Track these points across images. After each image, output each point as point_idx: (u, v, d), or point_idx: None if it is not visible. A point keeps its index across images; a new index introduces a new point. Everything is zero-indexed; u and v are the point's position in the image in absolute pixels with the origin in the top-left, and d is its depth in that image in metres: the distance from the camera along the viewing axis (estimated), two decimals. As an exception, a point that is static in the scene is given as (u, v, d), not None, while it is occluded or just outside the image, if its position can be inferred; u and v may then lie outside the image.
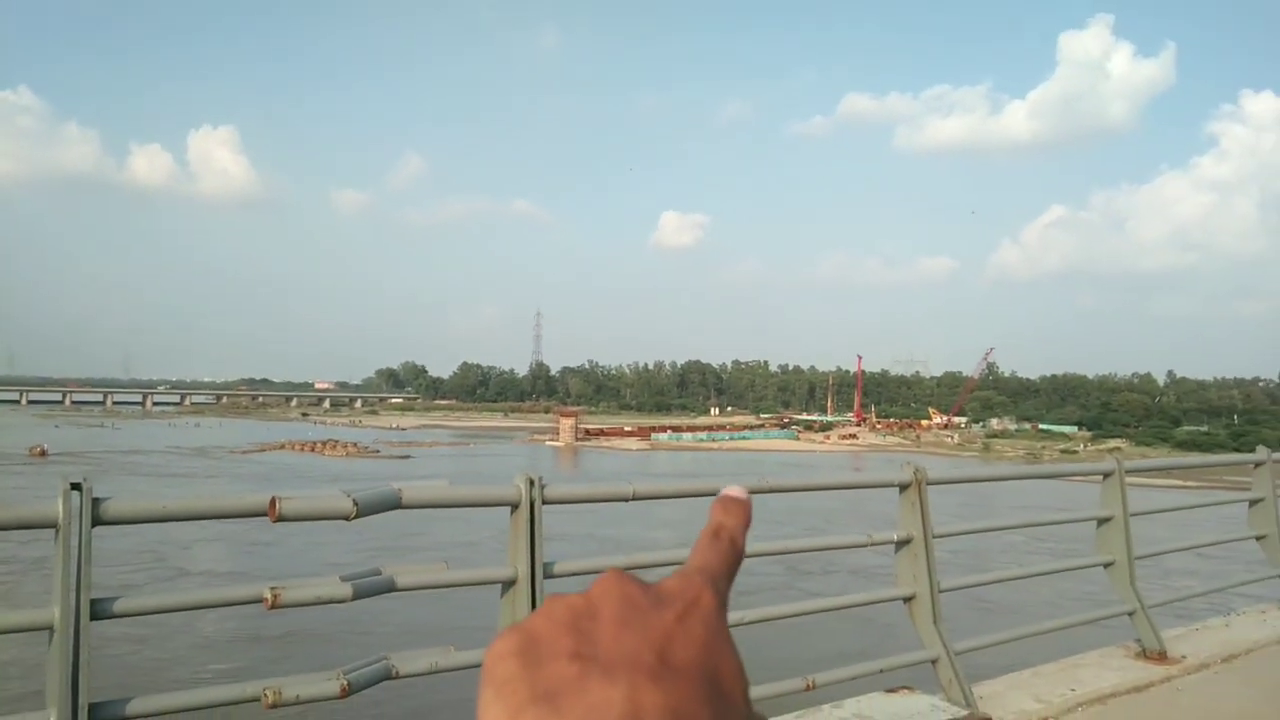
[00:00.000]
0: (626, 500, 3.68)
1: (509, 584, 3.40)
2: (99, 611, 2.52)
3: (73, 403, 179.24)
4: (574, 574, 3.56)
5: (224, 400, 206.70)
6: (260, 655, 18.74)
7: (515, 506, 3.38)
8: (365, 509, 2.96)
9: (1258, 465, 7.46)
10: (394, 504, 3.11)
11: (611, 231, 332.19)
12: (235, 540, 32.35)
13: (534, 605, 3.37)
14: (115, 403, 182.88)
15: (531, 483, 3.37)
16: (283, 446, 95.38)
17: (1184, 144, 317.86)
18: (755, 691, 1.85)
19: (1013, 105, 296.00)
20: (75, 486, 2.46)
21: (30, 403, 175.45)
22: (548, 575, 3.43)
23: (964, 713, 4.51)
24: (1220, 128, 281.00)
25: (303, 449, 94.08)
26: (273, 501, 2.77)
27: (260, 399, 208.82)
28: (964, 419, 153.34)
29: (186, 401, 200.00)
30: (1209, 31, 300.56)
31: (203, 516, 2.79)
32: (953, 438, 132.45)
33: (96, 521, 2.50)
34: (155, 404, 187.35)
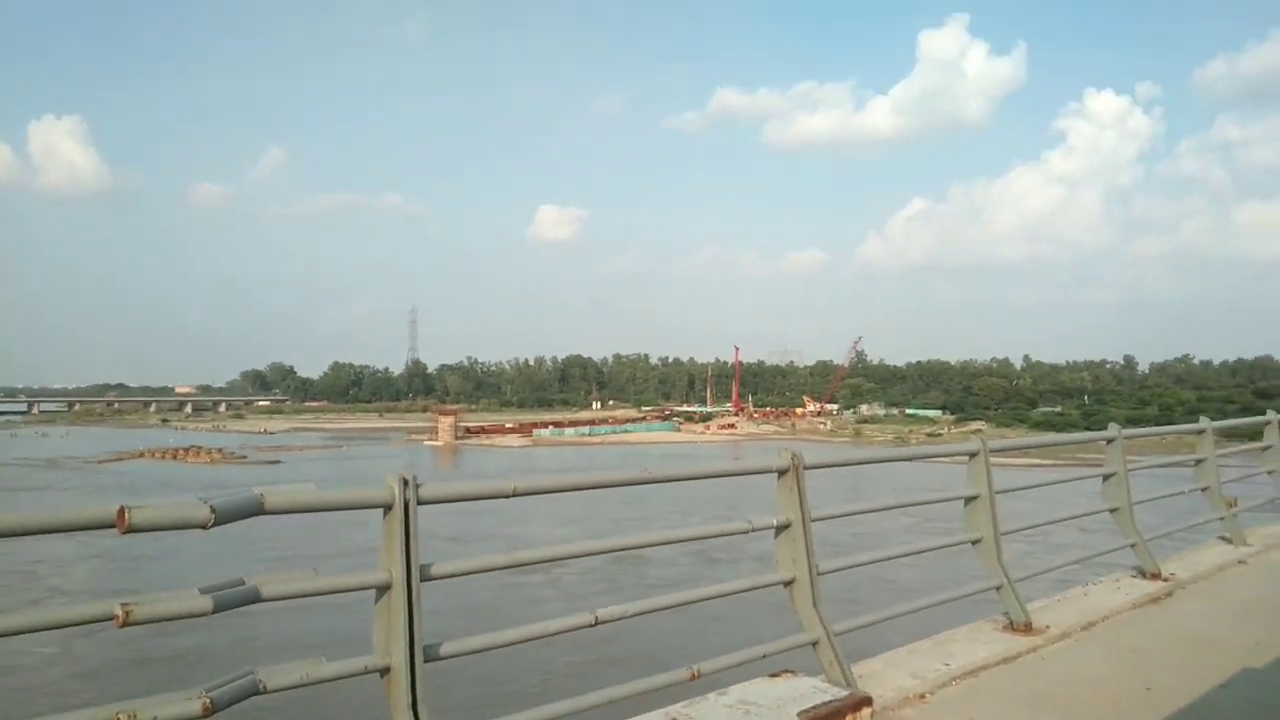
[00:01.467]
0: (507, 497, 3.58)
1: (384, 589, 3.26)
2: (-82, 641, 2.28)
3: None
4: (451, 575, 3.45)
5: (77, 407, 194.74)
6: (148, 678, 17.77)
7: (388, 508, 3.24)
8: (224, 516, 2.77)
9: (1110, 442, 7.90)
10: (256, 510, 2.93)
11: (488, 226, 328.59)
12: (116, 556, 30.61)
13: (411, 609, 3.25)
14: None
15: (405, 482, 3.24)
16: (142, 455, 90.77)
17: (1035, 139, 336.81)
18: (641, 684, 1.79)
19: (876, 101, 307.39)
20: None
21: None
22: (425, 578, 3.31)
23: (845, 693, 4.59)
24: (1068, 124, 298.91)
25: (164, 456, 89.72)
26: (121, 511, 2.56)
27: (116, 405, 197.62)
28: (836, 406, 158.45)
29: (35, 409, 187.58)
30: (1057, 32, 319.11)
31: (43, 530, 2.57)
32: (826, 424, 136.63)
33: (-88, 542, 2.26)
34: (0, 413, 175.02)
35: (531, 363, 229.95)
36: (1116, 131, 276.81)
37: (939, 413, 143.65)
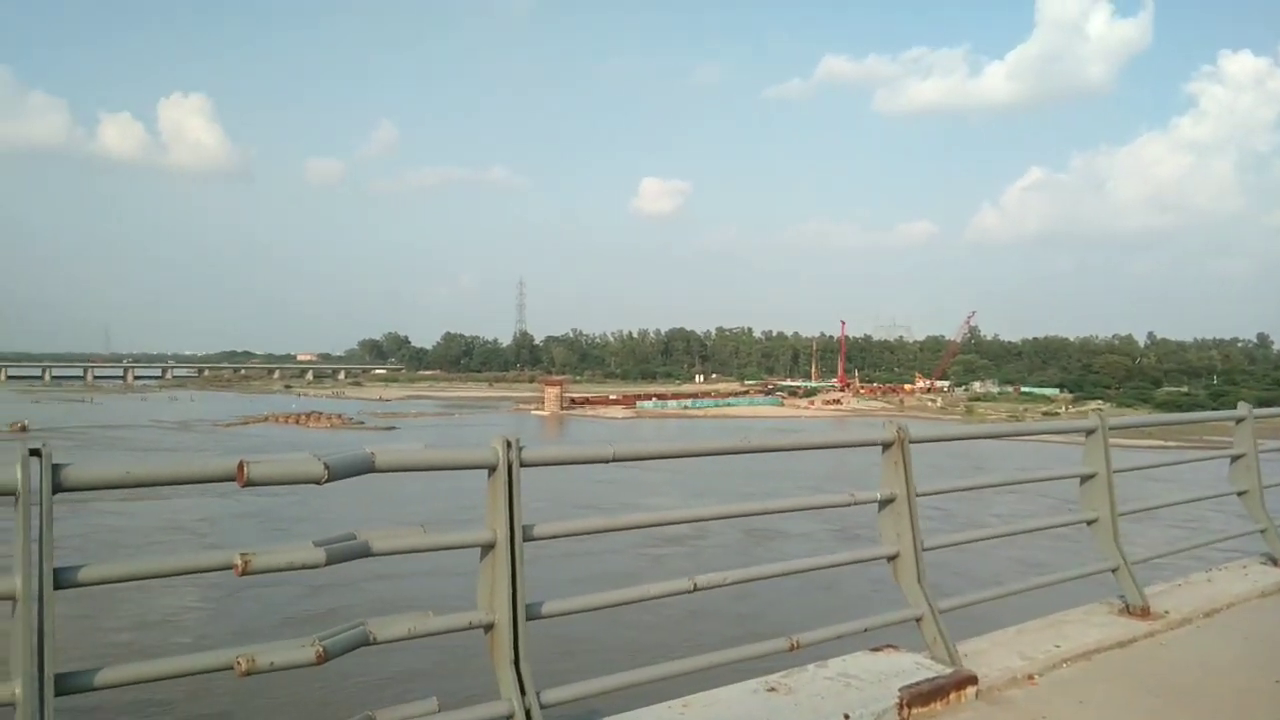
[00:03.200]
0: (606, 461, 3.62)
1: (488, 547, 3.34)
2: (63, 580, 2.44)
3: (53, 378, 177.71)
4: (554, 536, 3.51)
5: (206, 373, 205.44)
6: (291, 634, 18.70)
7: (493, 469, 3.31)
8: (336, 473, 2.88)
9: (1239, 421, 7.48)
10: (367, 467, 3.03)
11: (592, 198, 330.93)
12: (269, 516, 32.08)
13: (514, 568, 3.32)
14: (96, 377, 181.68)
15: (509, 445, 3.30)
16: (266, 419, 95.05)
17: (1163, 105, 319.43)
18: (739, 652, 1.78)
19: (991, 67, 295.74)
20: (34, 453, 2.37)
21: (9, 378, 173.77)
22: (527, 538, 3.38)
23: (948, 670, 4.51)
24: (1199, 88, 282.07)
25: (286, 421, 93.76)
26: (241, 465, 2.69)
27: (242, 372, 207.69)
28: (947, 383, 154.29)
29: (168, 375, 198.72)
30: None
31: (169, 482, 2.72)
32: (936, 402, 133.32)
33: (57, 488, 2.42)
34: (136, 378, 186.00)
35: (635, 335, 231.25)
36: (1254, 94, 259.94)
37: (1056, 391, 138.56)
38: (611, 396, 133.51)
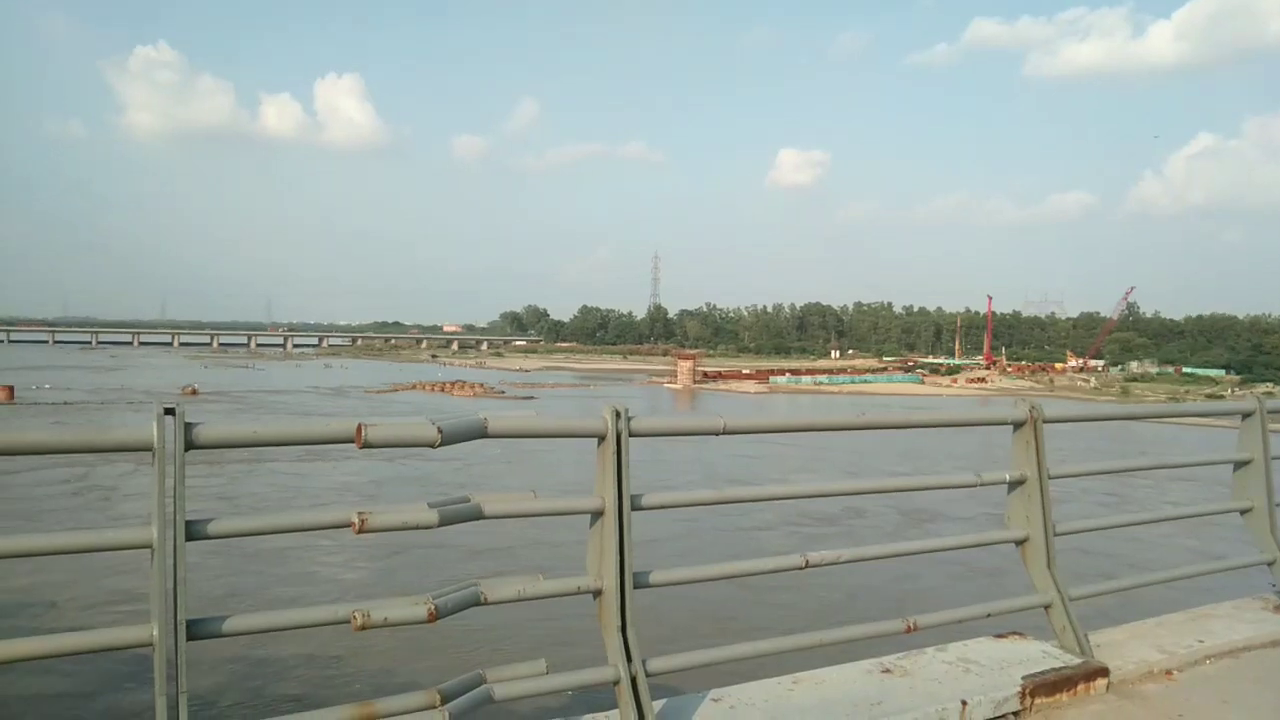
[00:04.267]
0: (717, 434, 3.59)
1: (597, 515, 3.38)
2: (194, 532, 2.61)
3: (220, 345, 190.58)
4: (662, 506, 3.52)
5: (358, 343, 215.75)
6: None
7: (602, 438, 3.34)
8: (450, 437, 2.97)
9: None
10: (479, 433, 3.11)
11: (728, 172, 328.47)
12: (435, 482, 33.46)
13: (621, 536, 3.35)
14: (259, 345, 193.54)
15: (618, 414, 3.32)
16: (414, 387, 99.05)
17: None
18: (852, 631, 1.74)
19: (1156, 26, 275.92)
20: (169, 411, 2.53)
21: (181, 345, 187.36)
22: (635, 507, 3.40)
23: (1077, 660, 4.30)
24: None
25: (432, 389, 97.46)
26: (359, 428, 2.81)
27: (392, 341, 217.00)
28: (1101, 362, 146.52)
29: (324, 344, 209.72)
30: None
31: (291, 442, 2.86)
32: (1089, 382, 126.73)
33: (190, 445, 2.58)
34: (295, 346, 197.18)
35: (769, 310, 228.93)
36: None
37: (1222, 373, 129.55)
38: (744, 371, 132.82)
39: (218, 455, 32.24)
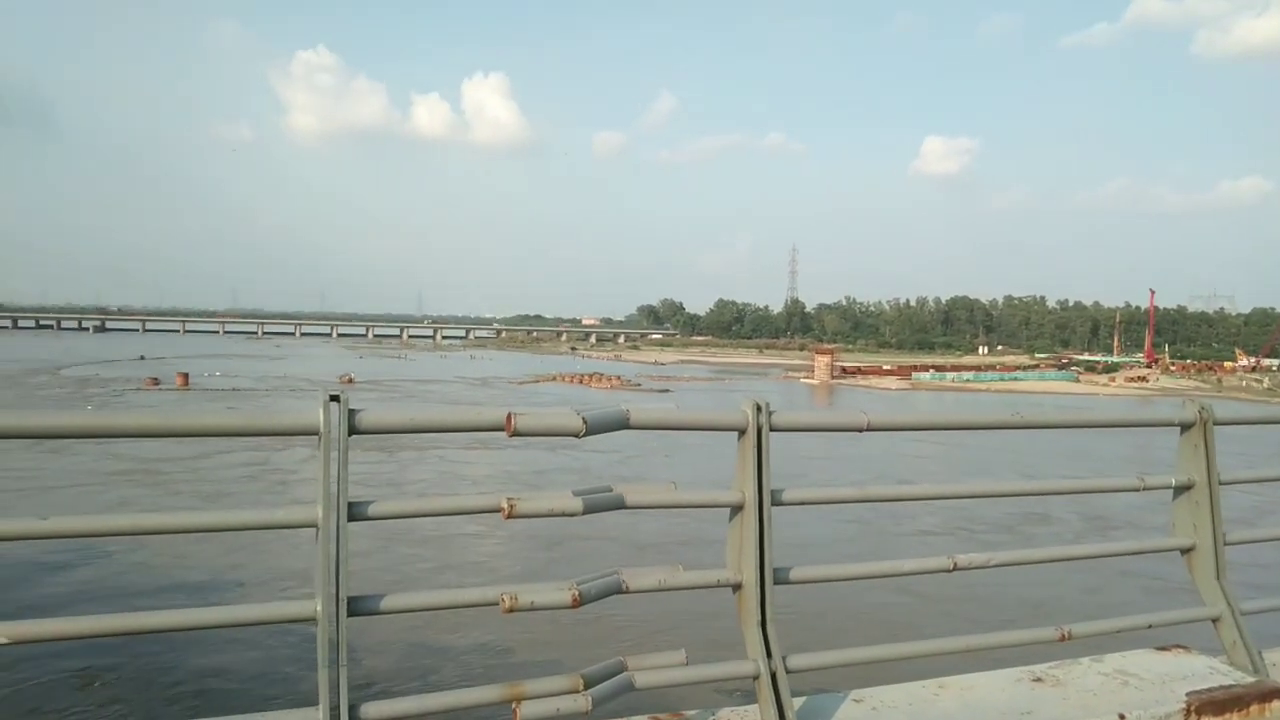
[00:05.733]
0: (861, 430, 3.53)
1: (737, 508, 3.38)
2: (355, 513, 2.76)
3: (374, 336, 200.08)
4: (802, 502, 3.49)
5: (502, 335, 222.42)
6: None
7: (743, 432, 3.34)
8: (594, 428, 3.03)
9: None
10: (622, 424, 3.16)
11: (870, 161, 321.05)
12: (589, 473, 33.90)
13: (762, 530, 3.34)
14: (410, 336, 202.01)
15: (759, 408, 3.32)
16: (554, 379, 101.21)
17: None
18: (1002, 638, 1.70)
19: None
20: (334, 399, 2.68)
21: (339, 336, 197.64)
22: (775, 503, 3.38)
23: (1249, 679, 4.02)
24: None
25: (572, 381, 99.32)
26: (509, 417, 2.90)
27: (534, 334, 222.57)
28: (1277, 361, 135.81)
29: (470, 336, 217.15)
30: None
31: (446, 429, 2.98)
32: (1262, 382, 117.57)
33: (353, 430, 2.73)
34: (444, 338, 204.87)
35: (912, 303, 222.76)
36: None
37: None
38: (885, 366, 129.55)
39: (390, 444, 33.78)
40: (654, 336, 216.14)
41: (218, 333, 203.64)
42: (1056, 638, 3.89)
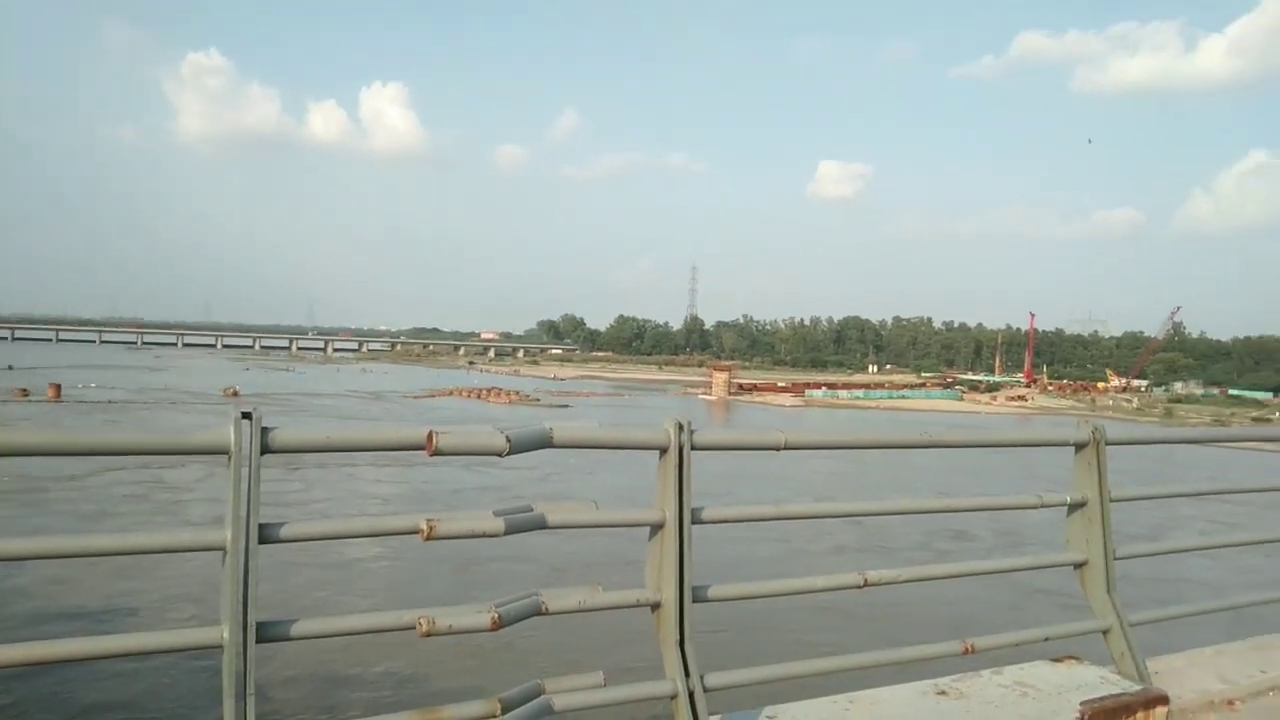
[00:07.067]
0: (778, 449, 3.58)
1: (657, 527, 3.38)
2: (266, 536, 2.64)
3: (261, 348, 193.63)
4: (722, 520, 3.51)
5: (397, 348, 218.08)
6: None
7: (664, 450, 3.34)
8: (517, 446, 2.99)
9: None
10: (545, 442, 3.13)
11: (768, 183, 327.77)
12: (509, 491, 33.19)
13: (682, 549, 3.34)
14: (299, 348, 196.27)
15: (680, 427, 3.33)
16: (451, 393, 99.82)
17: None
18: (909, 652, 1.73)
19: (1209, 41, 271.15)
20: (246, 416, 2.57)
21: (225, 347, 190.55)
22: (695, 521, 3.39)
23: (1137, 687, 4.22)
24: None
25: (469, 395, 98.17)
26: (430, 435, 2.83)
27: (430, 347, 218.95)
28: (1145, 382, 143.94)
29: (363, 348, 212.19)
30: None
31: (364, 448, 2.89)
32: (1132, 402, 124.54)
33: (265, 449, 2.61)
34: (335, 350, 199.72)
35: (807, 322, 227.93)
36: None
37: (1270, 395, 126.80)
38: (780, 384, 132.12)
39: (295, 460, 32.61)
40: (554, 352, 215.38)
41: (94, 342, 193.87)
42: (961, 651, 4.01)
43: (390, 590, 19.52)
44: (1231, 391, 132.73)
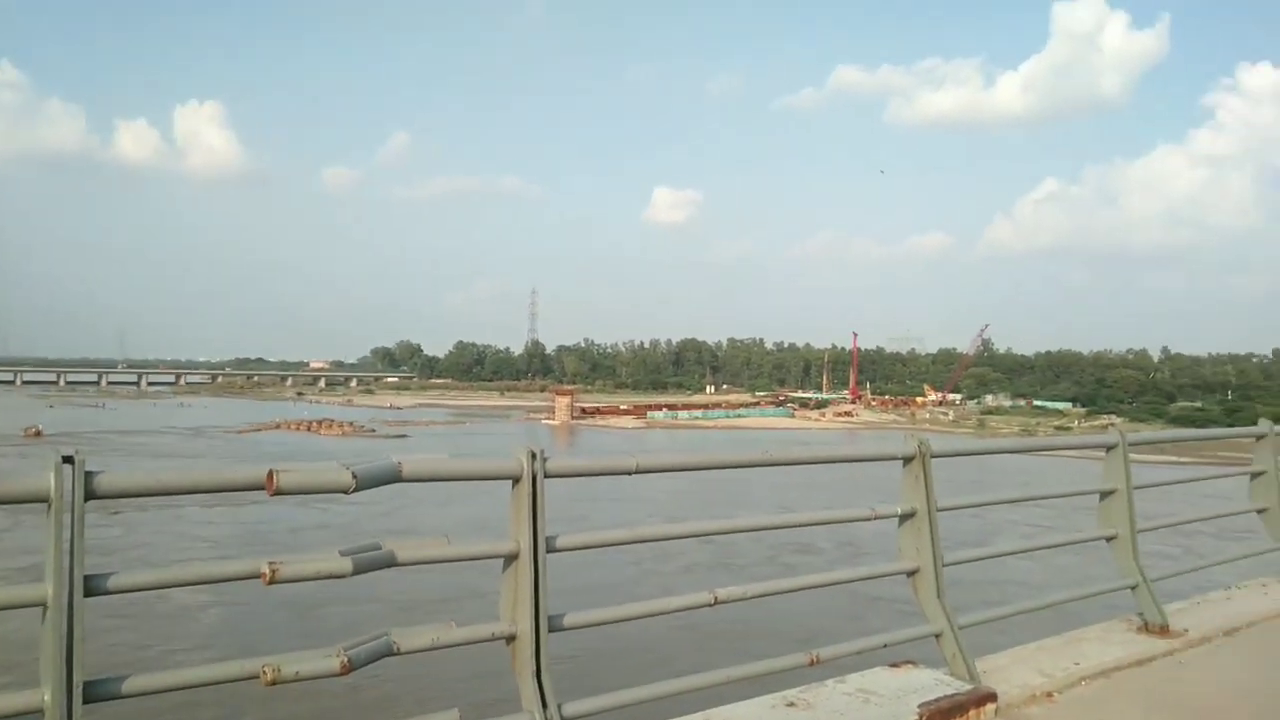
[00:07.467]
0: (630, 473, 3.62)
1: (511, 558, 3.34)
2: (93, 588, 2.46)
3: (67, 383, 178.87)
4: (576, 547, 3.51)
5: (219, 380, 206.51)
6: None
7: (517, 480, 3.32)
8: (365, 482, 2.89)
9: (1259, 438, 7.43)
10: (394, 477, 3.05)
11: (605, 208, 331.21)
12: (351, 529, 31.24)
13: (537, 579, 3.32)
14: (110, 383, 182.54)
15: (533, 456, 3.31)
16: (278, 426, 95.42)
17: (1179, 117, 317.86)
18: (759, 667, 1.79)
19: (1005, 78, 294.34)
20: (68, 460, 2.39)
21: (25, 383, 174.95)
22: (550, 549, 3.38)
23: (968, 687, 4.48)
24: (1217, 100, 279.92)
25: (298, 428, 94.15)
26: (270, 474, 2.71)
27: (255, 379, 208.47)
28: (959, 396, 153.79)
29: (181, 381, 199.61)
30: (1205, 2, 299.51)
31: (199, 490, 2.73)
32: (948, 414, 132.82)
33: (90, 495, 2.44)
34: (150, 384, 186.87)
35: (647, 345, 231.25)
36: (1273, 107, 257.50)
37: (1069, 405, 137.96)
38: (622, 406, 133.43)
39: (114, 503, 30.08)
40: (390, 380, 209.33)
41: None
42: (807, 662, 4.15)
43: (228, 639, 18.41)
44: (1036, 403, 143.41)
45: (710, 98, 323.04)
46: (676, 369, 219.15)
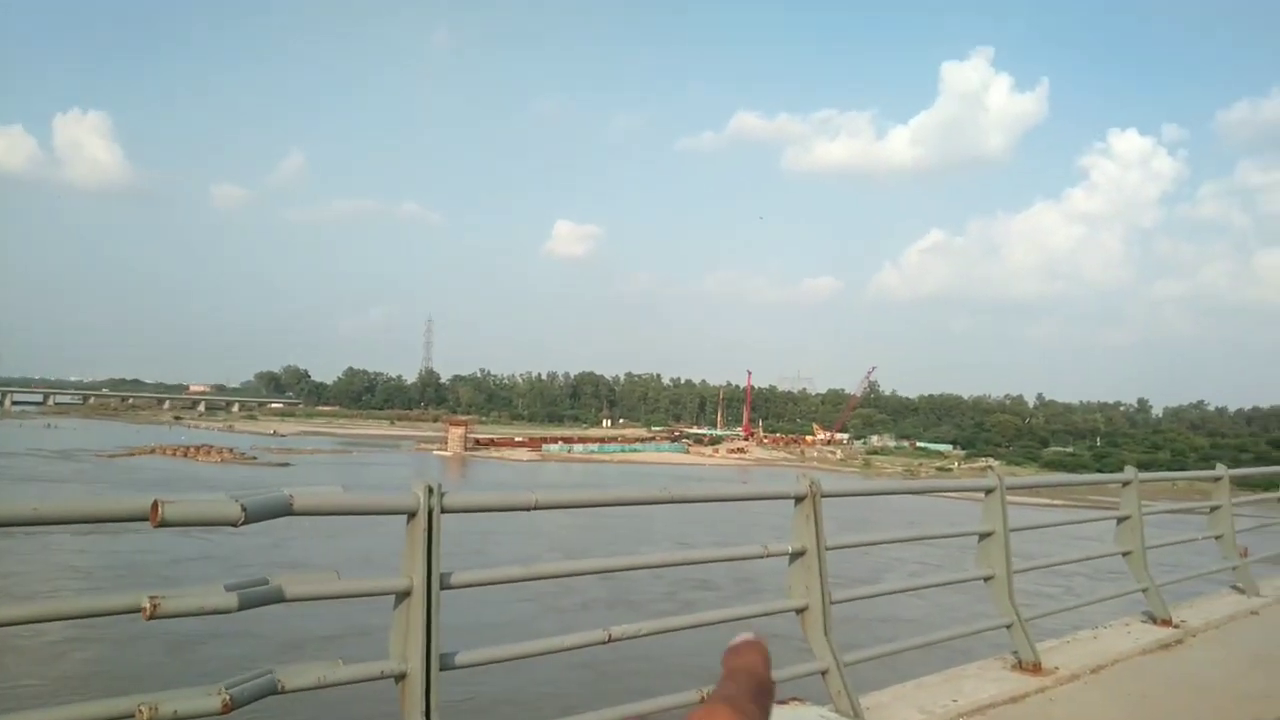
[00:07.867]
0: (529, 509, 3.61)
1: (403, 595, 3.29)
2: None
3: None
4: (472, 584, 3.48)
5: (91, 401, 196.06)
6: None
7: (412, 515, 3.28)
8: (254, 515, 2.82)
9: (1126, 485, 7.87)
10: (285, 510, 2.97)
11: (505, 239, 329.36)
12: (238, 561, 29.58)
13: (429, 616, 3.27)
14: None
15: (430, 490, 3.28)
16: (153, 451, 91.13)
17: (1057, 176, 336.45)
18: (649, 705, 1.83)
19: (896, 131, 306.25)
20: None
21: None
22: (445, 586, 3.34)
23: (852, 723, 4.59)
24: (1090, 162, 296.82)
25: (174, 454, 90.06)
26: (155, 505, 2.61)
27: (130, 401, 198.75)
28: (846, 435, 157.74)
29: (50, 401, 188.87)
30: (1082, 69, 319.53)
31: (79, 520, 2.61)
32: (836, 453, 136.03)
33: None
34: (15, 403, 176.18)
35: (544, 377, 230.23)
36: (1140, 172, 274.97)
37: (950, 447, 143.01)
38: (517, 438, 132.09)
39: None
40: (274, 405, 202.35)
41: None
42: (698, 699, 4.18)
43: (101, 679, 17.31)
44: (919, 444, 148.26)
45: (614, 134, 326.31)
46: (573, 402, 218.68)
